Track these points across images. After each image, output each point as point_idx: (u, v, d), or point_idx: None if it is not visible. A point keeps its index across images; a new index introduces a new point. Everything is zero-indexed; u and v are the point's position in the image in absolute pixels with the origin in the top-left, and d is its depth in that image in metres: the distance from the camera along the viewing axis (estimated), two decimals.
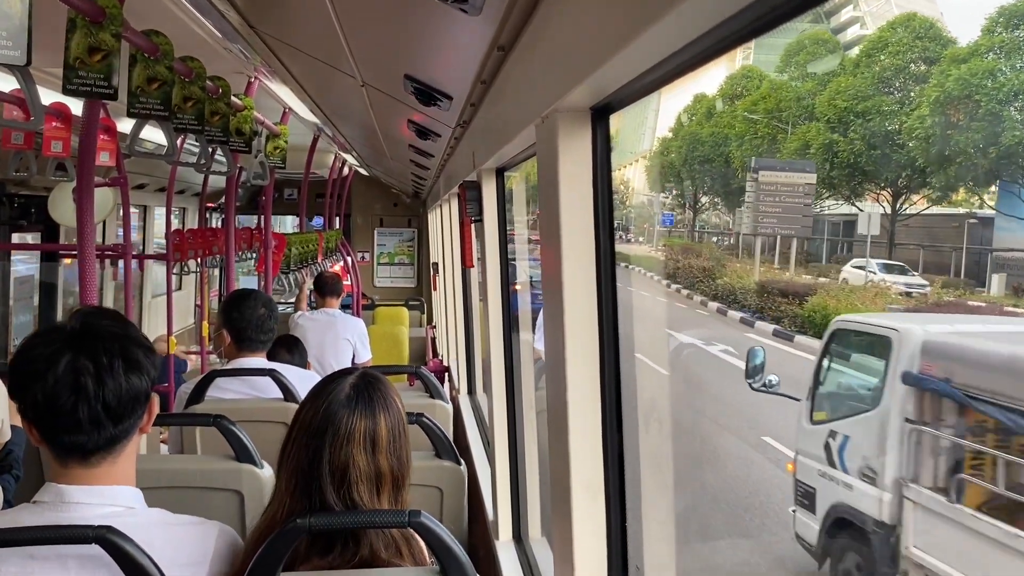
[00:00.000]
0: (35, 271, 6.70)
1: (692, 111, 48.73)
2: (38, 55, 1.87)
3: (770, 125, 36.06)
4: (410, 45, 2.22)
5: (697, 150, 43.22)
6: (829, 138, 30.47)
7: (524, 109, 1.76)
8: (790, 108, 35.79)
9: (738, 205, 44.00)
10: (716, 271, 24.32)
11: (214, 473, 2.30)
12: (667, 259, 29.43)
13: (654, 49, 1.08)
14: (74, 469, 1.47)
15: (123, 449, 1.50)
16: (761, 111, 36.98)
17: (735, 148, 38.18)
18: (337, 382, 1.70)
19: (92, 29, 2.10)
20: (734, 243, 43.66)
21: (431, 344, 9.01)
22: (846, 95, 30.58)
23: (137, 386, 1.47)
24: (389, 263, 11.70)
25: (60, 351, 1.43)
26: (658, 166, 50.06)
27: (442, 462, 2.77)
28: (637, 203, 68.56)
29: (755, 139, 36.73)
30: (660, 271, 29.34)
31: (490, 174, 3.19)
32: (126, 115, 2.61)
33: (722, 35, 0.99)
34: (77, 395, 1.42)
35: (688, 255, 27.61)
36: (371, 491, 1.62)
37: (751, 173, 25.71)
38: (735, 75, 43.93)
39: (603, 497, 1.64)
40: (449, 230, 6.49)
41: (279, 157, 4.38)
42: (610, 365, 1.59)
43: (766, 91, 38.43)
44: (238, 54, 3.12)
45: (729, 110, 41.78)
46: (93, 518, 1.42)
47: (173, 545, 1.49)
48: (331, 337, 5.43)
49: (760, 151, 35.47)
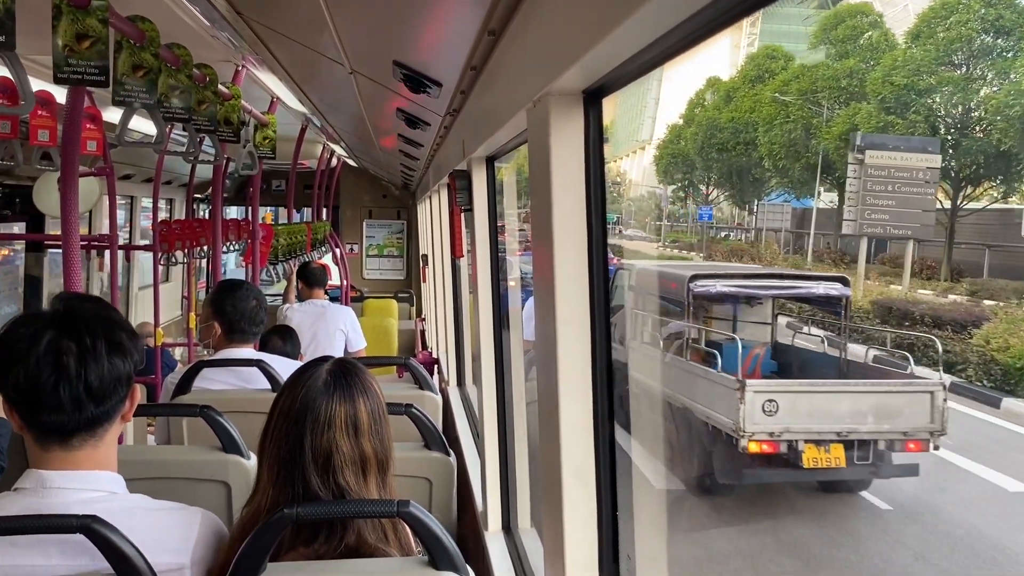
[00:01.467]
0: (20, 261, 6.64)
1: (705, 96, 45.66)
2: (20, 42, 1.84)
3: (804, 108, 32.95)
4: (399, 30, 2.20)
5: (715, 137, 40.46)
6: (884, 120, 26.76)
7: (515, 94, 1.74)
8: (830, 87, 32.34)
9: (758, 196, 41.48)
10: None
11: (201, 464, 2.28)
12: (706, 259, 26.59)
13: (647, 29, 1.06)
14: (55, 453, 1.46)
15: (104, 433, 1.49)
16: (794, 92, 33.84)
17: (762, 133, 35.14)
18: (313, 370, 1.68)
19: (78, 15, 2.07)
20: (754, 238, 40.91)
21: (420, 336, 8.99)
22: (905, 70, 26.46)
23: (120, 368, 1.47)
24: (378, 255, 11.66)
25: (42, 331, 1.42)
26: (667, 155, 47.38)
27: (431, 453, 2.75)
28: (636, 196, 66.89)
29: (786, 123, 33.58)
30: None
31: (480, 163, 3.17)
32: (111, 103, 2.57)
33: (715, 14, 0.97)
34: (58, 375, 1.41)
35: (744, 259, 24.01)
36: (357, 475, 1.60)
37: (855, 154, 19.89)
38: (757, 55, 41.40)
39: (594, 486, 1.63)
40: (439, 221, 6.46)
41: (269, 147, 4.35)
42: (601, 353, 1.58)
43: (798, 70, 35.16)
44: (225, 42, 3.08)
45: (750, 93, 38.80)
46: (74, 504, 1.41)
47: (156, 530, 1.48)
48: (323, 327, 5.43)
49: (793, 137, 32.90)
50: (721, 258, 27.09)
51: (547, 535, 1.79)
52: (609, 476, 1.64)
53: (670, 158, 47.09)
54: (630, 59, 1.20)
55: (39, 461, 1.47)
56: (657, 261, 30.01)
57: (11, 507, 1.43)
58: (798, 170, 33.83)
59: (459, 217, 3.63)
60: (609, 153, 76.49)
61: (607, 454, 1.63)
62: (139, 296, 8.09)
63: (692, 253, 37.29)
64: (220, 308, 3.20)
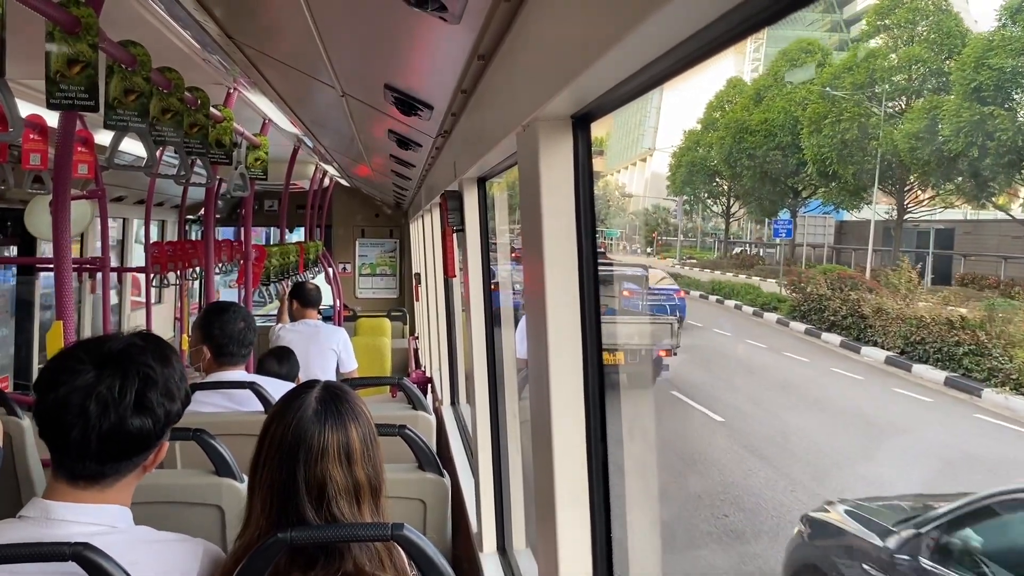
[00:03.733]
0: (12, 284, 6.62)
1: (727, 98, 41.23)
2: (11, 67, 1.85)
3: (860, 104, 28.63)
4: (390, 54, 2.21)
5: (745, 140, 36.11)
6: (979, 112, 22.70)
7: (505, 118, 1.76)
8: (894, 78, 28.05)
9: (793, 207, 36.23)
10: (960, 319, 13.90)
11: (194, 488, 2.28)
12: (796, 291, 22.42)
13: (635, 55, 1.08)
14: (63, 487, 1.47)
15: (112, 484, 1.49)
16: (847, 86, 29.26)
17: (807, 135, 30.78)
18: (301, 397, 1.66)
19: (69, 40, 2.08)
20: (789, 254, 35.69)
21: (414, 355, 8.97)
22: (1007, 50, 22.29)
23: (138, 429, 1.46)
24: (371, 274, 11.66)
25: (84, 370, 1.45)
26: (686, 164, 42.66)
27: (425, 474, 2.75)
28: (639, 209, 64.55)
29: (839, 122, 29.09)
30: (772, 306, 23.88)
31: (471, 184, 3.19)
32: (103, 127, 2.58)
33: (704, 40, 0.99)
34: (78, 419, 1.43)
35: (839, 286, 20.11)
36: (351, 504, 1.59)
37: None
38: (790, 49, 37.43)
39: (588, 506, 1.63)
40: (431, 240, 6.47)
41: (260, 168, 4.36)
42: (593, 373, 1.59)
43: (850, 60, 30.36)
44: (217, 65, 3.10)
45: (784, 92, 34.61)
46: (76, 536, 1.41)
47: (159, 562, 1.48)
48: (316, 348, 5.41)
49: (848, 138, 28.64)
50: (817, 289, 21.34)
51: (542, 556, 1.79)
52: (603, 496, 1.64)
53: (688, 167, 42.84)
54: (619, 85, 1.22)
55: (49, 490, 1.49)
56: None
57: (11, 534, 1.43)
58: (851, 176, 29.66)
59: (451, 237, 3.64)
60: (605, 166, 75.56)
61: (600, 473, 1.63)
62: (131, 318, 8.06)
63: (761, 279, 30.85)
64: (208, 332, 3.20)
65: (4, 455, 2.39)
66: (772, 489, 9.35)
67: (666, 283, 22.91)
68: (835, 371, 16.35)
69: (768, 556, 7.49)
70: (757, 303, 25.53)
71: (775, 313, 23.73)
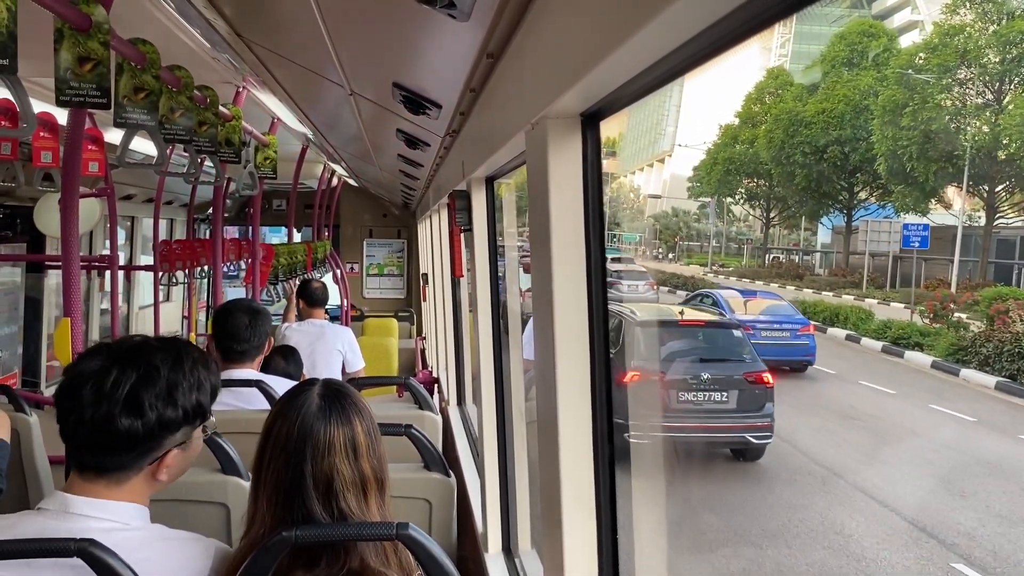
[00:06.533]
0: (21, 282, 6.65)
1: (768, 89, 36.94)
2: (22, 65, 1.85)
3: (949, 90, 24.64)
4: (399, 53, 2.21)
5: (799, 134, 31.69)
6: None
7: (513, 117, 1.75)
8: (985, 60, 23.79)
9: (849, 208, 32.02)
10: None
11: (200, 486, 2.28)
12: (990, 329, 15.94)
13: (644, 53, 1.07)
14: (78, 480, 1.48)
15: (119, 481, 1.49)
16: (934, 67, 24.95)
17: (878, 126, 26.49)
18: (304, 395, 1.66)
19: (80, 38, 2.09)
20: (843, 263, 31.22)
21: (421, 355, 8.98)
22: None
23: (125, 428, 1.46)
24: (378, 274, 11.68)
25: (97, 362, 1.46)
26: (723, 162, 38.35)
27: (431, 474, 2.74)
28: (658, 212, 62.07)
29: (922, 108, 24.84)
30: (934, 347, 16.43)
31: (479, 183, 3.18)
32: (113, 125, 2.59)
33: (713, 38, 0.98)
34: (75, 404, 1.44)
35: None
36: (358, 497, 1.59)
37: None
38: (850, 31, 33.37)
39: (594, 508, 1.62)
40: (439, 240, 6.47)
41: (269, 167, 4.37)
42: (601, 374, 1.58)
43: (935, 39, 26.03)
44: (226, 64, 3.10)
45: (844, 79, 30.64)
46: (93, 532, 1.41)
47: (171, 560, 1.49)
48: (322, 347, 5.41)
49: (935, 128, 24.47)
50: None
51: (547, 557, 1.78)
52: (609, 497, 1.63)
53: (725, 164, 38.73)
54: (628, 82, 1.21)
55: (69, 484, 1.49)
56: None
57: (29, 527, 1.44)
58: (932, 174, 25.66)
59: (459, 237, 3.64)
60: (618, 168, 74.57)
61: (607, 475, 1.62)
62: (139, 316, 8.09)
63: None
64: (215, 334, 3.24)
65: (11, 451, 2.39)
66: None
67: (766, 307, 16.89)
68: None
69: None
70: (888, 335, 18.94)
71: (922, 353, 17.30)
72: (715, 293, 19.45)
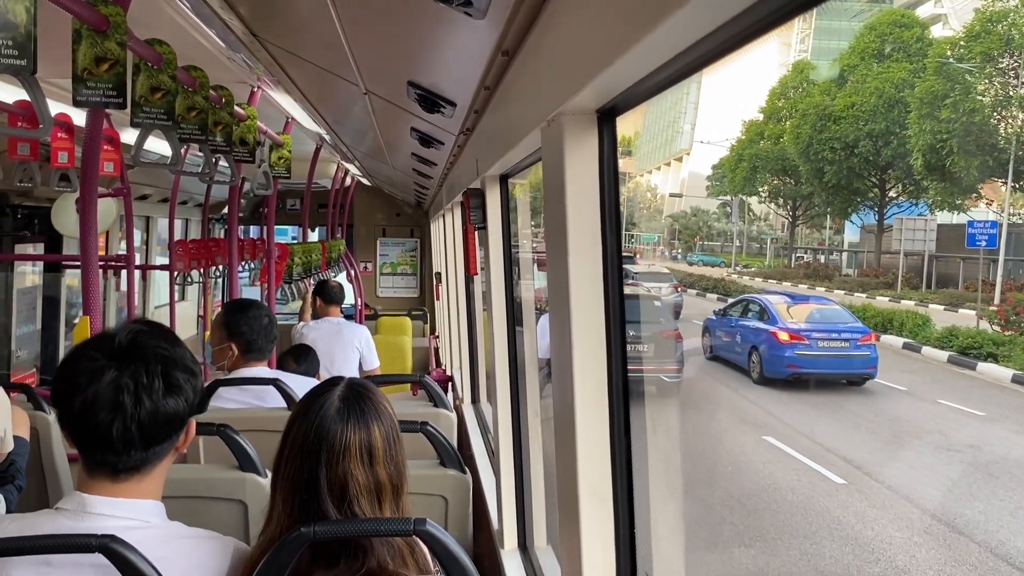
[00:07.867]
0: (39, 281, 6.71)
1: (793, 84, 35.55)
2: (40, 66, 1.87)
3: (993, 80, 23.11)
4: (414, 51, 2.22)
5: (828, 129, 30.43)
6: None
7: (529, 114, 1.75)
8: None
9: (880, 207, 30.84)
10: None
11: (218, 483, 2.29)
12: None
13: (661, 50, 1.07)
14: (101, 482, 1.48)
15: (152, 469, 1.51)
16: (976, 56, 23.31)
17: (915, 120, 24.98)
18: (325, 395, 1.66)
19: (97, 39, 2.10)
20: (875, 263, 29.89)
21: (434, 353, 8.99)
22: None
23: (173, 409, 1.47)
24: (392, 273, 11.69)
25: (104, 367, 1.44)
26: (748, 159, 36.76)
27: (446, 471, 2.75)
28: (676, 212, 60.75)
29: (964, 100, 23.17)
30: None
31: (494, 181, 3.19)
32: (130, 125, 2.60)
33: (729, 34, 0.98)
34: (114, 413, 1.43)
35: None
36: (372, 503, 1.59)
37: None
38: (880, 22, 32.05)
39: (611, 504, 1.62)
40: (452, 239, 6.48)
41: (284, 167, 4.38)
42: (617, 370, 1.58)
43: (976, 25, 24.18)
44: (241, 63, 3.12)
45: (875, 71, 29.43)
46: (112, 529, 1.42)
47: (190, 559, 1.49)
48: (339, 345, 5.45)
49: (977, 120, 23.07)
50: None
51: (564, 553, 1.78)
52: (626, 493, 1.63)
53: (751, 161, 37.16)
54: (645, 78, 1.21)
55: (84, 484, 1.49)
56: None
57: (48, 526, 1.44)
58: (973, 168, 24.26)
59: (473, 235, 3.64)
60: (634, 167, 73.81)
61: (624, 471, 1.62)
62: (155, 315, 8.13)
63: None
64: (236, 329, 3.21)
65: (30, 449, 2.41)
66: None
67: (820, 313, 15.42)
68: None
69: None
70: (954, 344, 16.94)
71: (998, 365, 15.40)
72: (761, 299, 17.32)
